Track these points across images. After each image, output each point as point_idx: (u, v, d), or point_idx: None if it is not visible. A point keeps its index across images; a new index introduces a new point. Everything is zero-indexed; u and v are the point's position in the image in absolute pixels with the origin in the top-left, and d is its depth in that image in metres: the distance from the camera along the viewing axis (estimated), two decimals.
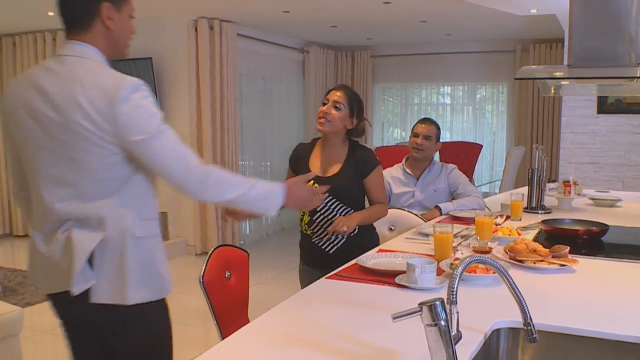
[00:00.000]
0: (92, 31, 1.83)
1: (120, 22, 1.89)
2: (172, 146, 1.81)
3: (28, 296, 5.21)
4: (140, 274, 1.82)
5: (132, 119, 1.71)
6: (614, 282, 2.14)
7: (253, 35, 7.54)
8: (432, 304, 1.19)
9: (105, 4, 1.82)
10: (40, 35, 7.46)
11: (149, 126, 1.74)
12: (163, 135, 1.77)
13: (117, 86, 1.72)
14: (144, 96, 1.77)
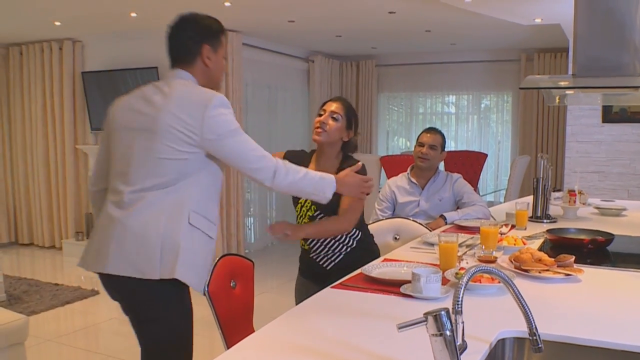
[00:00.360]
0: (194, 67, 2.27)
1: (216, 61, 2.31)
2: (244, 144, 2.16)
3: (33, 304, 5.22)
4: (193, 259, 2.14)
5: (213, 123, 2.09)
6: (619, 291, 2.13)
7: (258, 45, 7.57)
8: (438, 313, 1.19)
9: (205, 46, 2.26)
10: (47, 44, 7.51)
11: (223, 131, 2.11)
12: (235, 137, 2.14)
13: (209, 98, 2.13)
14: (228, 111, 2.17)
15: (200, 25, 2.31)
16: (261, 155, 2.18)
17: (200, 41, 2.26)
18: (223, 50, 2.35)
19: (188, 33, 2.29)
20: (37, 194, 7.85)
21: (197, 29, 2.30)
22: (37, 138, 7.71)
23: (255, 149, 2.18)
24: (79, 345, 4.44)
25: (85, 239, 7.46)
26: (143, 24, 6.58)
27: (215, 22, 2.35)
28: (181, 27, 2.32)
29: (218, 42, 2.32)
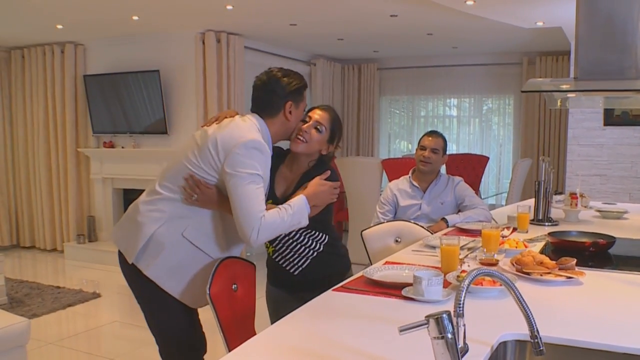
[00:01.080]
0: (274, 119, 2.42)
1: (297, 116, 2.46)
2: (244, 192, 2.24)
3: (35, 307, 5.22)
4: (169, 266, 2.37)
5: (237, 158, 2.25)
6: (621, 294, 2.13)
7: (260, 48, 7.58)
8: (439, 316, 1.19)
9: (289, 102, 2.41)
10: (49, 48, 7.52)
11: (240, 169, 2.24)
12: (243, 180, 2.24)
13: (247, 137, 2.27)
14: (258, 155, 2.27)
15: (285, 82, 2.42)
16: (255, 215, 2.22)
17: (285, 98, 2.41)
18: (304, 104, 2.50)
19: (275, 89, 2.41)
20: (39, 197, 7.86)
21: (282, 85, 2.41)
22: (39, 141, 7.72)
23: (253, 206, 2.23)
24: (80, 348, 4.44)
25: (87, 241, 7.47)
26: (145, 28, 6.60)
27: (299, 79, 2.46)
28: (269, 83, 2.43)
29: (300, 98, 2.46)
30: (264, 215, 2.24)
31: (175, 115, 6.97)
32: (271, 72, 2.45)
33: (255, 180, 2.25)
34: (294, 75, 2.45)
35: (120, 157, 7.33)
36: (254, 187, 2.24)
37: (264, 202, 2.27)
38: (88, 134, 7.61)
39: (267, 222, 2.24)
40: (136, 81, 6.96)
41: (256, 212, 2.22)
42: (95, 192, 7.63)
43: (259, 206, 2.24)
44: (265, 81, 2.43)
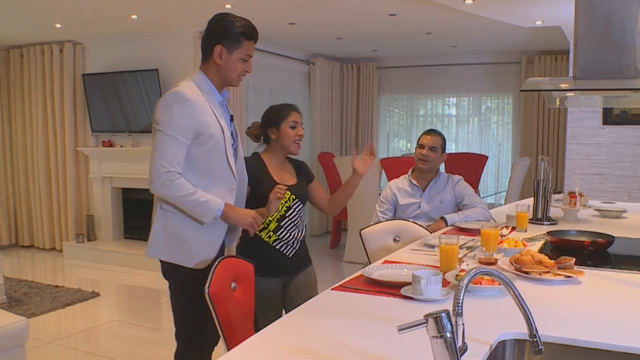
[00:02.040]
0: (208, 64, 2.55)
1: (230, 61, 2.52)
2: (155, 143, 2.39)
3: (34, 307, 5.22)
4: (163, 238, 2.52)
5: (156, 110, 2.44)
6: (620, 293, 2.13)
7: (259, 47, 7.52)
8: (438, 315, 1.19)
9: (218, 46, 2.50)
10: (48, 47, 7.52)
11: (155, 124, 2.41)
12: (157, 133, 2.39)
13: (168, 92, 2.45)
14: (170, 105, 2.41)
15: (217, 26, 2.53)
16: (157, 167, 2.38)
17: (214, 41, 2.51)
18: (240, 52, 2.53)
19: (207, 32, 2.57)
20: (38, 196, 7.86)
21: (213, 28, 2.55)
22: (38, 140, 7.71)
23: (158, 158, 2.38)
24: (79, 347, 4.44)
25: (86, 241, 7.47)
26: (143, 27, 6.59)
27: (235, 26, 2.51)
28: (206, 27, 2.58)
29: (236, 44, 2.51)
30: (171, 172, 2.38)
31: None
32: (219, 14, 2.58)
33: (165, 131, 2.37)
34: (238, 20, 2.53)
35: (119, 156, 7.32)
36: (164, 138, 2.37)
37: (173, 156, 2.39)
38: (87, 133, 7.61)
39: (175, 183, 2.38)
40: (135, 80, 6.96)
41: (159, 165, 2.37)
42: (94, 191, 7.62)
43: (165, 159, 2.37)
44: (209, 22, 2.58)
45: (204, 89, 2.52)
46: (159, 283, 6.27)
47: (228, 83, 2.61)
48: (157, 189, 2.40)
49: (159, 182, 2.37)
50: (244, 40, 2.53)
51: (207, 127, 2.46)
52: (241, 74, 2.58)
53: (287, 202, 2.93)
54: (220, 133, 2.52)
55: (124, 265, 6.92)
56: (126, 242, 7.55)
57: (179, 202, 2.41)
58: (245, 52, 2.53)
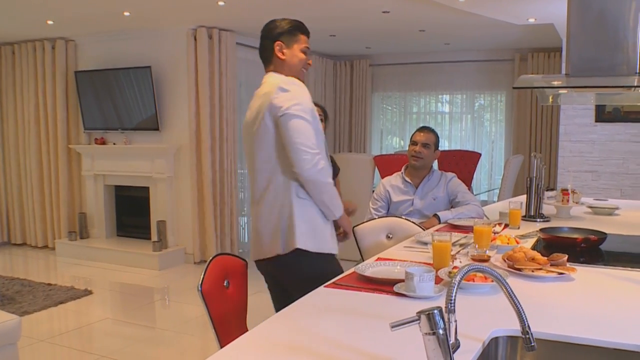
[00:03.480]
0: (273, 62, 2.67)
1: (292, 53, 2.65)
2: (298, 128, 2.45)
3: (26, 305, 5.20)
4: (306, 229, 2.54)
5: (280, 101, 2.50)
6: (612, 290, 2.14)
7: (252, 44, 7.55)
8: (430, 312, 1.19)
9: (277, 43, 2.63)
10: (40, 44, 7.48)
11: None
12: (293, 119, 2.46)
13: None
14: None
15: (272, 26, 2.68)
16: (313, 148, 2.44)
17: (274, 39, 2.65)
18: (299, 44, 2.68)
19: (265, 35, 2.71)
20: (30, 194, 7.83)
21: (269, 29, 2.69)
22: (30, 137, 7.68)
23: (309, 138, 2.45)
24: (72, 345, 4.42)
25: (79, 238, 7.44)
26: (136, 24, 6.57)
27: (288, 22, 2.69)
28: (262, 32, 2.72)
29: (294, 38, 2.66)
30: (321, 154, 2.47)
31: (167, 112, 6.95)
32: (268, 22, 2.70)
33: (299, 114, 2.47)
34: (287, 20, 2.69)
35: (111, 154, 7.30)
36: (299, 122, 2.46)
37: (314, 138, 2.47)
38: (79, 130, 7.58)
39: (326, 169, 2.47)
40: (128, 77, 6.94)
41: (308, 147, 2.44)
42: (87, 188, 7.59)
43: (311, 141, 2.45)
44: (262, 30, 2.71)
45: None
46: (152, 281, 6.27)
47: (295, 74, 2.66)
48: (315, 174, 2.43)
49: (317, 167, 2.42)
50: (299, 34, 2.67)
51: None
52: (304, 65, 2.69)
53: None
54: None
55: (117, 263, 6.90)
56: (119, 239, 7.53)
57: (325, 190, 2.49)
58: (303, 44, 2.68)
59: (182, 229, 7.03)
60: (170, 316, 5.23)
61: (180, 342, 4.51)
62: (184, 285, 6.12)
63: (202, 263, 6.82)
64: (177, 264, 6.88)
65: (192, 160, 6.79)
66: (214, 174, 6.83)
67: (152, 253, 6.72)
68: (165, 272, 6.60)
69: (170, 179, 7.00)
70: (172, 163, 6.97)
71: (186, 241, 7.02)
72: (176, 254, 6.94)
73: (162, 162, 6.91)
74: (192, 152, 6.77)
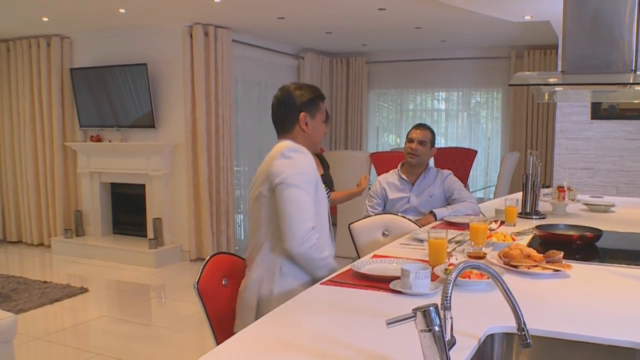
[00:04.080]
0: (293, 132, 2.49)
1: (314, 126, 2.52)
2: (295, 199, 2.29)
3: (22, 302, 5.19)
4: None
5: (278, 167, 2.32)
6: (608, 287, 2.14)
7: (248, 42, 7.55)
8: (426, 309, 1.19)
9: (302, 114, 2.47)
10: (35, 40, 7.46)
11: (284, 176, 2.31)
12: (289, 188, 2.29)
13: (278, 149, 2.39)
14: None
15: (297, 95, 2.50)
16: (309, 222, 2.29)
17: (298, 109, 2.48)
18: (321, 114, 2.56)
19: (288, 102, 2.50)
20: (26, 192, 7.81)
21: (294, 97, 2.50)
22: (25, 135, 7.66)
23: (304, 211, 2.29)
24: (68, 343, 4.42)
25: (74, 236, 7.43)
26: (132, 21, 6.55)
27: (311, 90, 2.54)
28: (282, 98, 2.52)
29: (316, 108, 2.52)
30: (314, 229, 2.31)
31: (162, 109, 6.93)
32: (284, 87, 2.54)
33: (298, 184, 2.31)
34: (306, 88, 2.54)
35: (107, 151, 7.28)
36: (298, 193, 2.31)
37: (311, 211, 2.33)
38: (75, 127, 7.56)
39: (319, 244, 2.34)
40: (123, 74, 6.92)
41: (303, 221, 2.29)
42: (83, 186, 7.58)
43: (307, 214, 2.31)
44: (279, 97, 2.52)
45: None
46: (148, 278, 6.26)
47: (313, 148, 2.55)
48: (306, 250, 2.28)
49: (308, 242, 2.27)
50: (320, 102, 2.56)
51: (319, 182, 2.43)
52: (323, 136, 2.62)
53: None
54: (324, 194, 2.51)
55: (113, 261, 6.89)
56: (115, 237, 7.52)
57: (319, 265, 2.35)
58: (323, 113, 2.57)
59: (178, 226, 7.02)
60: (166, 314, 5.22)
61: (176, 340, 4.50)
62: (180, 283, 6.12)
63: (198, 260, 6.81)
64: (173, 262, 6.88)
65: (188, 157, 6.79)
66: (210, 172, 6.82)
67: (148, 250, 6.71)
68: (161, 269, 6.59)
69: (166, 176, 6.99)
70: (168, 160, 6.96)
71: (182, 239, 7.01)
72: (172, 252, 6.93)
73: (158, 160, 6.90)
74: (188, 150, 6.76)
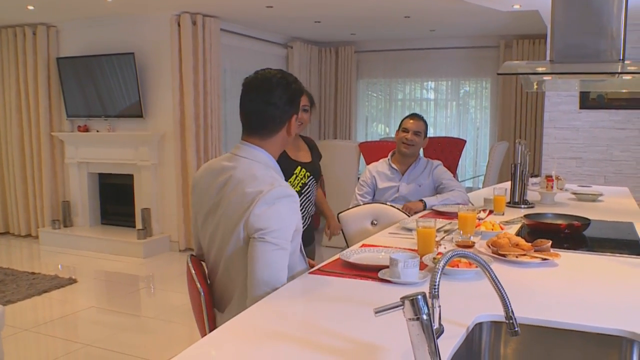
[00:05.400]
0: (273, 138, 2.10)
1: (294, 125, 2.16)
2: (270, 259, 1.94)
3: (9, 294, 5.16)
4: None
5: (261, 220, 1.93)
6: (595, 275, 2.16)
7: (236, 31, 7.51)
8: (414, 298, 1.19)
9: (294, 117, 2.12)
10: (20, 29, 7.37)
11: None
12: (266, 244, 1.93)
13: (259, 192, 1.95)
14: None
15: (292, 93, 2.10)
16: (276, 286, 1.94)
17: (292, 112, 2.11)
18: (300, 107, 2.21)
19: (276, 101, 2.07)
20: (13, 182, 7.74)
21: (286, 97, 2.08)
22: (12, 125, 7.59)
23: (276, 272, 1.95)
24: (56, 334, 4.40)
25: (62, 227, 7.38)
26: (119, 9, 6.49)
27: (300, 87, 2.16)
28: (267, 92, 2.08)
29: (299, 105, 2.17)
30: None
31: (150, 99, 6.89)
32: (267, 78, 2.11)
33: (277, 243, 1.95)
34: (292, 81, 2.13)
35: (95, 141, 7.23)
36: (276, 253, 1.96)
37: (284, 271, 1.98)
38: (62, 117, 7.49)
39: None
40: (111, 64, 6.86)
41: (272, 286, 1.94)
42: (70, 176, 7.52)
43: (278, 277, 1.96)
44: (262, 90, 2.10)
45: (273, 167, 2.11)
46: (137, 269, 6.24)
47: (286, 145, 2.22)
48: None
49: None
50: (302, 96, 2.21)
51: (299, 219, 2.06)
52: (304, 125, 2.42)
53: (303, 179, 3.18)
54: None
55: (101, 251, 6.86)
56: (103, 227, 7.48)
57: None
58: (302, 104, 2.37)
59: (167, 216, 7.00)
60: (155, 304, 5.21)
61: (165, 330, 4.49)
62: (169, 273, 6.10)
63: (188, 250, 6.79)
64: (162, 252, 6.85)
65: (177, 147, 6.75)
66: (198, 161, 6.79)
67: (137, 241, 6.68)
68: (150, 260, 6.57)
69: (155, 166, 6.96)
70: (157, 150, 6.92)
71: (171, 229, 6.99)
72: (161, 242, 6.91)
73: (146, 150, 6.86)
74: (176, 140, 6.73)
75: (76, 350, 4.07)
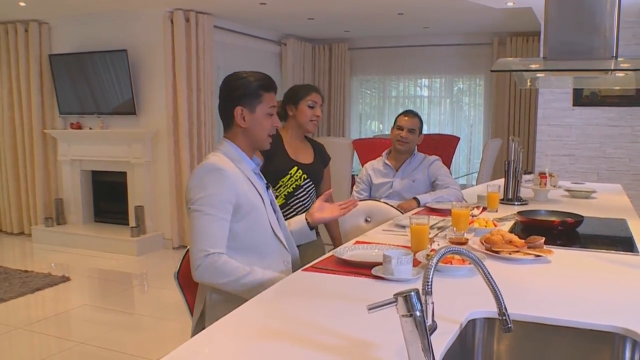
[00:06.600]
0: (232, 130, 2.33)
1: (254, 120, 2.29)
2: (196, 225, 2.12)
3: (2, 292, 5.14)
4: None
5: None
6: (588, 272, 2.16)
7: (230, 28, 7.49)
8: (407, 294, 1.19)
9: (237, 108, 2.26)
10: (12, 26, 7.34)
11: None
12: (193, 213, 2.13)
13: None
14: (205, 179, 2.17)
15: (231, 88, 2.29)
16: (205, 248, 2.08)
17: (232, 104, 2.28)
18: (264, 107, 2.30)
19: (223, 96, 2.33)
20: (5, 180, 7.71)
21: (228, 91, 2.31)
22: (4, 123, 7.55)
23: (204, 238, 2.10)
24: (50, 332, 4.38)
25: (55, 224, 7.36)
26: (112, 6, 6.46)
27: (249, 81, 2.28)
28: (220, 92, 2.34)
29: (256, 100, 2.29)
30: (213, 254, 2.09)
31: (143, 96, 6.86)
32: (228, 76, 2.34)
33: (202, 210, 2.12)
34: (252, 76, 2.30)
35: (88, 139, 7.20)
36: (202, 218, 2.12)
37: (215, 236, 2.11)
38: (54, 115, 7.46)
39: (222, 267, 2.09)
40: (103, 61, 6.84)
41: (198, 250, 2.10)
42: (63, 174, 7.50)
43: (205, 242, 2.10)
44: (220, 88, 2.34)
45: (234, 157, 2.29)
46: (130, 266, 6.22)
47: (259, 146, 2.36)
48: (201, 277, 2.09)
49: (201, 270, 2.08)
50: (264, 93, 2.29)
51: (246, 197, 2.21)
52: (269, 131, 2.34)
53: (298, 180, 3.05)
54: (261, 203, 2.28)
55: (95, 249, 6.84)
56: (96, 225, 7.46)
57: (230, 288, 2.11)
58: (268, 105, 2.30)
59: (160, 214, 6.98)
60: (148, 302, 5.20)
61: (159, 328, 4.49)
62: (162, 271, 6.09)
63: (181, 248, 6.78)
64: (155, 250, 6.84)
65: (170, 144, 6.74)
66: (192, 159, 6.78)
67: (130, 239, 6.67)
68: (143, 257, 6.56)
69: (148, 163, 6.94)
70: (150, 148, 6.90)
71: (164, 226, 6.97)
72: (154, 240, 6.89)
73: (139, 147, 6.84)
74: (169, 137, 6.71)
75: (70, 349, 4.06)
